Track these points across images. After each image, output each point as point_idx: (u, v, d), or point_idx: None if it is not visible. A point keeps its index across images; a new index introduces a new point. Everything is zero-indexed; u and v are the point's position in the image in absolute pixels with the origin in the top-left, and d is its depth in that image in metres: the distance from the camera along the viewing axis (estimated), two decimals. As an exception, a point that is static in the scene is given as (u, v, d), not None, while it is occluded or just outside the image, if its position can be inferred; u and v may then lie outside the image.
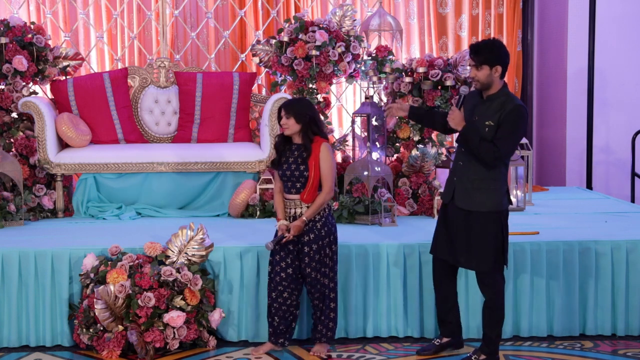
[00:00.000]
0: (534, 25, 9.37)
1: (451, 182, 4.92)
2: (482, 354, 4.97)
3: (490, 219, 4.78)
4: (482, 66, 4.70)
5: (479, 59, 4.70)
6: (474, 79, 4.78)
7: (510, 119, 4.67)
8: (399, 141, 7.23)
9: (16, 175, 6.51)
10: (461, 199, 4.83)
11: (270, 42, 7.39)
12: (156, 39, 8.51)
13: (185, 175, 6.94)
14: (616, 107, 8.87)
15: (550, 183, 9.08)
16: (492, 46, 4.74)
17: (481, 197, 4.78)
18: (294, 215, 5.07)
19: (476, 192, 4.78)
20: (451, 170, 4.98)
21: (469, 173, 4.80)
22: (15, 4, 8.26)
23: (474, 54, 4.73)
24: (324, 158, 5.01)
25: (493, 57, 4.70)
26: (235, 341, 5.47)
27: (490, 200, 4.78)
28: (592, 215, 6.71)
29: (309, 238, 5.05)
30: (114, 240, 5.58)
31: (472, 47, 4.78)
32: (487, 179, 4.77)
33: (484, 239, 4.79)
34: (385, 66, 7.24)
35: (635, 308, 5.57)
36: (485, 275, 4.88)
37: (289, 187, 5.07)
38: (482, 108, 4.78)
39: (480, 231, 4.79)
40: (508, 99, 4.74)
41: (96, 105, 7.14)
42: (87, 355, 5.28)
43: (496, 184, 4.78)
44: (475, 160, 4.75)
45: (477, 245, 4.80)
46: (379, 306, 5.55)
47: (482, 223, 4.78)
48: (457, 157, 4.91)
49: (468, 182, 4.80)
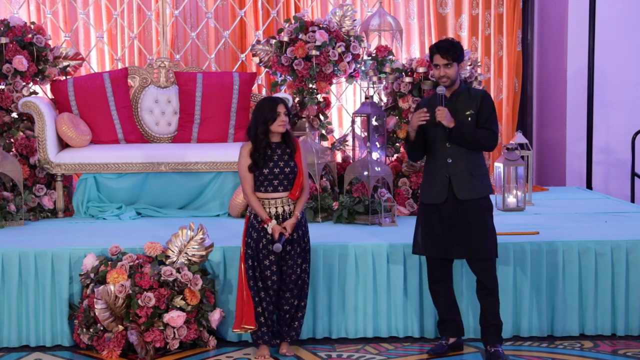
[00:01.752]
0: (534, 25, 9.37)
1: (443, 180, 4.97)
2: (497, 343, 5.01)
3: (484, 203, 5.00)
4: (452, 64, 4.94)
5: (451, 57, 4.93)
6: (442, 77, 4.96)
7: (487, 103, 4.99)
8: (399, 141, 7.23)
9: (16, 175, 6.52)
10: (464, 192, 4.94)
11: (270, 42, 7.39)
12: (156, 39, 8.51)
13: (185, 175, 6.94)
14: (616, 107, 8.87)
15: (550, 183, 9.07)
16: (458, 44, 5.01)
17: (479, 183, 4.98)
18: (281, 213, 5.06)
19: (475, 180, 4.96)
20: (433, 171, 5.03)
21: (464, 165, 4.96)
22: (15, 4, 8.26)
23: (445, 53, 4.93)
24: (304, 153, 5.14)
25: (460, 55, 4.98)
26: (235, 341, 5.47)
27: (486, 185, 5.02)
28: (592, 215, 6.71)
29: (297, 235, 5.07)
30: (114, 240, 5.58)
31: (441, 47, 4.96)
32: (482, 165, 5.05)
33: (484, 224, 4.96)
34: (385, 66, 7.24)
35: (635, 308, 5.57)
36: (489, 262, 4.98)
37: (275, 186, 5.04)
38: (451, 104, 4.98)
39: (480, 218, 4.95)
40: (471, 89, 5.10)
41: (96, 105, 7.14)
42: (87, 355, 5.28)
43: (485, 167, 5.09)
44: (465, 152, 4.94)
45: (480, 232, 4.94)
46: (379, 306, 5.55)
47: (483, 209, 4.98)
48: (441, 155, 4.99)
49: (465, 173, 4.95)
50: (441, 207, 4.98)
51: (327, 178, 6.85)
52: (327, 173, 6.85)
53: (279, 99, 5.05)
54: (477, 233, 4.93)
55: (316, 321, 5.52)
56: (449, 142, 4.95)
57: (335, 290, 5.53)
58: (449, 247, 4.99)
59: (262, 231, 5.03)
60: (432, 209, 5.02)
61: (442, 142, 4.97)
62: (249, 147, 5.04)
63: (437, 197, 4.99)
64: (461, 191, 4.94)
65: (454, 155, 4.96)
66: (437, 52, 4.94)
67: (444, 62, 4.92)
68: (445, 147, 4.97)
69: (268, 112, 4.98)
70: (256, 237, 5.05)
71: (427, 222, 5.06)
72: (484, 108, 4.97)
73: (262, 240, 5.03)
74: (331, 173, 6.88)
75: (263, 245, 5.03)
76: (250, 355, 5.23)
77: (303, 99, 7.25)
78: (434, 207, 5.01)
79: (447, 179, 4.96)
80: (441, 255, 5.04)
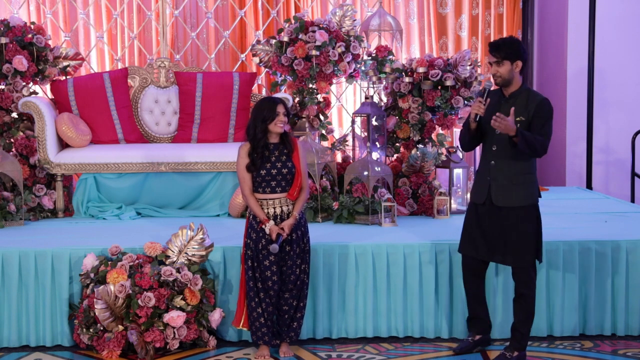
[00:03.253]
0: (534, 25, 9.37)
1: (484, 182, 4.95)
2: (515, 351, 5.00)
3: (528, 213, 4.89)
4: (503, 62, 4.81)
5: (500, 55, 4.81)
6: (495, 75, 4.86)
7: (544, 110, 4.82)
8: (399, 141, 7.23)
9: (16, 175, 6.52)
10: (500, 198, 4.89)
11: (270, 42, 7.39)
12: (156, 39, 8.51)
13: (185, 175, 6.94)
14: (616, 107, 8.87)
15: (550, 183, 9.08)
16: (512, 42, 4.87)
17: (520, 191, 4.87)
18: (280, 214, 5.06)
19: (516, 188, 4.87)
20: (480, 171, 5.02)
21: (506, 171, 4.87)
22: (15, 4, 8.27)
23: (495, 50, 4.82)
24: (302, 153, 5.11)
25: (514, 53, 4.82)
26: (235, 341, 5.47)
27: (529, 194, 4.89)
28: (592, 215, 6.71)
29: (297, 235, 5.07)
30: (114, 240, 5.58)
31: (492, 44, 4.87)
32: (526, 173, 4.89)
33: (523, 233, 4.87)
34: (385, 66, 7.24)
35: (635, 308, 5.57)
36: (523, 270, 4.93)
37: (272, 187, 5.04)
38: (506, 106, 4.87)
39: (520, 226, 4.87)
40: (531, 94, 4.91)
41: (96, 105, 7.14)
42: (87, 355, 5.28)
43: (532, 177, 4.93)
44: (512, 158, 4.84)
45: (517, 240, 4.88)
46: (379, 306, 5.55)
47: (521, 218, 4.88)
48: (487, 157, 4.95)
49: (506, 180, 4.87)
50: (481, 207, 4.97)
51: (327, 178, 6.85)
52: (327, 173, 6.85)
53: (279, 99, 5.04)
54: (510, 241, 4.89)
55: (316, 321, 5.52)
56: (496, 145, 4.88)
57: (335, 290, 5.53)
58: (482, 249, 4.99)
59: (261, 232, 5.03)
60: (474, 207, 5.03)
61: (490, 144, 4.93)
62: (247, 147, 5.04)
63: (478, 197, 4.99)
64: (498, 197, 4.89)
65: (498, 159, 4.89)
66: (489, 50, 4.87)
67: (494, 59, 4.83)
68: (492, 150, 4.92)
69: (267, 112, 4.98)
70: (255, 237, 5.05)
71: (469, 220, 5.07)
72: (541, 115, 4.81)
73: (262, 241, 5.03)
74: (331, 173, 6.88)
75: (262, 246, 5.03)
76: (250, 355, 5.23)
77: (303, 99, 7.25)
78: (475, 207, 5.01)
79: (488, 182, 4.93)
80: (473, 254, 5.06)
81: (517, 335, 5.02)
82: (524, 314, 4.97)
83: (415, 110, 7.06)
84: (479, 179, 5.01)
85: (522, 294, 4.95)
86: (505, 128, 4.71)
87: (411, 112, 7.07)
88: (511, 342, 5.05)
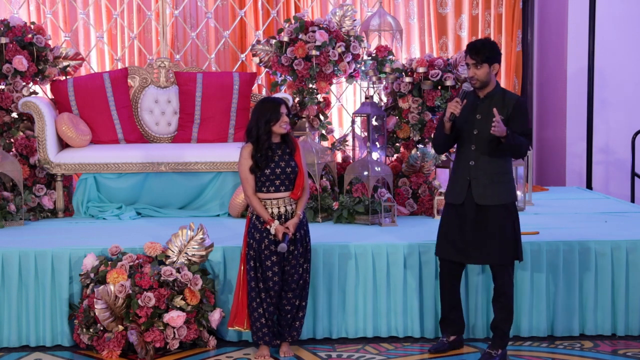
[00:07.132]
0: (534, 25, 9.37)
1: (463, 182, 4.95)
2: (499, 348, 5.02)
3: (508, 211, 4.93)
4: (482, 65, 4.84)
5: (480, 58, 4.83)
6: (472, 77, 4.88)
7: (521, 109, 4.89)
8: (399, 141, 7.23)
9: (16, 175, 6.52)
10: (481, 196, 4.91)
11: (270, 42, 7.38)
12: (156, 39, 8.51)
13: (185, 175, 6.94)
14: (616, 107, 8.87)
15: (550, 183, 9.07)
16: (491, 45, 4.90)
17: (500, 190, 4.91)
18: (283, 213, 5.05)
19: (496, 187, 4.89)
20: (458, 171, 5.01)
21: (486, 170, 4.90)
22: (15, 4, 8.26)
23: (475, 53, 4.84)
24: (303, 153, 5.14)
25: (492, 56, 4.85)
26: (235, 341, 5.47)
27: (508, 192, 4.94)
28: (592, 215, 6.71)
29: (300, 235, 5.07)
30: (114, 240, 5.58)
31: (471, 46, 4.88)
32: (505, 172, 4.95)
33: (503, 231, 4.90)
34: (385, 66, 7.23)
35: (635, 308, 5.57)
36: (504, 269, 4.95)
37: (276, 186, 5.03)
38: (482, 106, 4.90)
39: (499, 224, 4.90)
40: (506, 94, 4.97)
41: (96, 105, 7.14)
42: (87, 355, 5.28)
43: (510, 176, 5.00)
44: (491, 157, 4.87)
45: (497, 238, 4.90)
46: (379, 306, 5.55)
47: (501, 216, 4.91)
48: (465, 157, 4.96)
49: (487, 179, 4.90)
50: (459, 208, 4.97)
51: (327, 178, 6.85)
52: (327, 173, 6.85)
53: (281, 100, 5.03)
54: (492, 239, 4.90)
55: (316, 321, 5.52)
56: (475, 145, 4.90)
57: (336, 290, 5.53)
58: (463, 251, 4.99)
59: (264, 232, 5.02)
60: (452, 208, 5.02)
61: (468, 143, 4.94)
62: (249, 148, 5.02)
63: (456, 198, 4.99)
64: (480, 196, 4.91)
65: (477, 159, 4.91)
66: (467, 52, 4.89)
67: (472, 62, 4.84)
68: (470, 150, 4.93)
69: (271, 113, 4.95)
70: (258, 237, 5.04)
71: (447, 222, 5.07)
72: (518, 114, 4.86)
73: (265, 241, 5.03)
74: (331, 173, 6.88)
75: (265, 246, 5.02)
76: (250, 355, 5.23)
77: (303, 99, 7.25)
78: (453, 208, 5.01)
79: (468, 181, 4.93)
80: (450, 257, 5.06)
81: (499, 334, 5.03)
82: (506, 312, 5.00)
83: (415, 110, 7.07)
84: (457, 179, 5.00)
85: (503, 293, 4.97)
86: (500, 131, 4.74)
87: (411, 112, 7.07)
88: (494, 341, 5.05)
